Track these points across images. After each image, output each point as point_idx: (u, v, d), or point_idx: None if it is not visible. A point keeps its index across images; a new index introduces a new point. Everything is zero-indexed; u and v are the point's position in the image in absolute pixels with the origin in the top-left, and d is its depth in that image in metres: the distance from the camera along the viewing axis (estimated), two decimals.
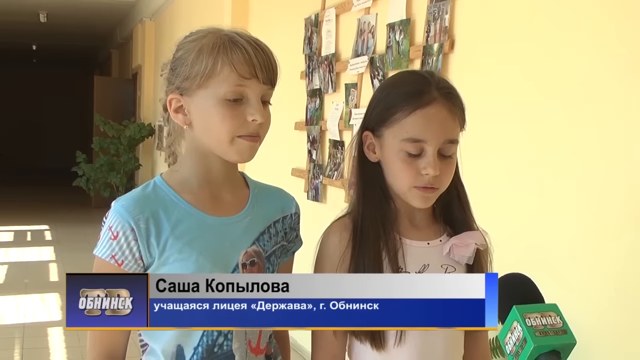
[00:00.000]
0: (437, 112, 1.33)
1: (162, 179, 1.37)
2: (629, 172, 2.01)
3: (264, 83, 1.30)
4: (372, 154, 1.40)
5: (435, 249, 1.41)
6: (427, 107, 1.33)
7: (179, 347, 1.32)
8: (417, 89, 1.34)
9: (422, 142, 1.33)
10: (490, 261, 1.46)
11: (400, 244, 1.38)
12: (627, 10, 2.04)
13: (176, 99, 1.32)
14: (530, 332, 1.09)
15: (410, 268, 1.37)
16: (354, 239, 1.38)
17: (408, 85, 1.37)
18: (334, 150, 3.93)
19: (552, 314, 1.12)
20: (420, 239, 1.41)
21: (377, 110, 1.38)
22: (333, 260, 1.38)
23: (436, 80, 1.37)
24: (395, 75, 1.48)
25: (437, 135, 1.33)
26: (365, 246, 1.36)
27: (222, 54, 1.27)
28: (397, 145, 1.34)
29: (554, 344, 1.09)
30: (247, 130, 1.29)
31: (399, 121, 1.34)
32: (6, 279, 6.52)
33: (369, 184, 1.40)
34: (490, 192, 2.59)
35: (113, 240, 1.29)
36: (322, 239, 1.42)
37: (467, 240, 1.40)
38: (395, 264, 1.36)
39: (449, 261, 1.40)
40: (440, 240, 1.42)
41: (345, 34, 3.83)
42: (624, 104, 2.04)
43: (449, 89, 1.37)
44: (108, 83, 12.38)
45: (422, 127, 1.32)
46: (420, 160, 1.33)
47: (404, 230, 1.40)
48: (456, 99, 1.37)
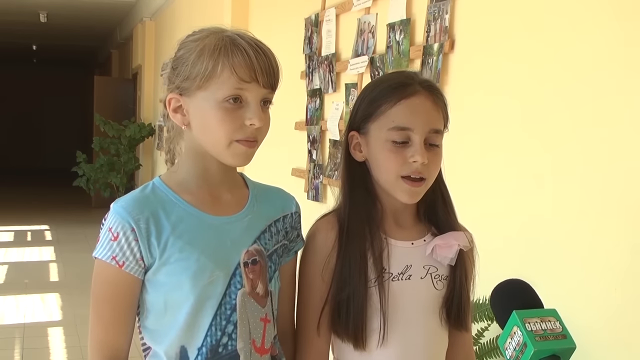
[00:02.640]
0: (421, 103, 1.37)
1: (160, 180, 1.37)
2: (630, 173, 2.01)
3: (264, 87, 1.29)
4: (358, 153, 1.42)
5: (418, 249, 1.43)
6: (412, 97, 1.37)
7: (182, 348, 1.31)
8: (401, 82, 1.39)
9: (409, 130, 1.35)
10: (474, 262, 1.47)
11: (385, 243, 1.39)
12: (629, 9, 2.04)
13: (175, 98, 1.32)
14: (530, 337, 1.09)
15: (394, 269, 1.39)
16: (340, 239, 1.40)
17: (391, 80, 1.41)
18: (334, 150, 3.93)
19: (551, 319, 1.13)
20: (405, 238, 1.43)
21: (363, 107, 1.41)
22: (319, 260, 1.40)
23: (419, 77, 1.42)
24: (378, 77, 1.52)
25: (422, 124, 1.36)
26: (351, 246, 1.38)
27: (223, 56, 1.26)
28: (384, 135, 1.37)
29: (553, 349, 1.09)
30: (245, 135, 1.29)
31: (384, 112, 1.37)
32: (6, 279, 6.52)
33: (355, 184, 1.43)
34: (489, 192, 2.58)
35: (113, 241, 1.28)
36: (308, 236, 1.44)
37: (450, 241, 1.41)
38: (380, 264, 1.38)
39: (431, 261, 1.42)
40: (424, 240, 1.44)
41: (345, 34, 3.83)
42: (626, 104, 2.03)
43: (430, 83, 1.42)
44: (108, 83, 12.38)
45: (408, 116, 1.36)
46: (408, 149, 1.35)
47: (389, 229, 1.42)
48: (439, 93, 1.42)
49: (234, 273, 1.32)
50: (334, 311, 1.39)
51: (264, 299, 1.36)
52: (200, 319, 1.30)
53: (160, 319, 1.32)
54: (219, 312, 1.30)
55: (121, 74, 13.42)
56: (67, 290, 5.95)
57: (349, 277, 1.37)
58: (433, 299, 1.42)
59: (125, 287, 1.30)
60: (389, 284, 1.38)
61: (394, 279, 1.39)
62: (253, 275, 1.34)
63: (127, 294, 1.31)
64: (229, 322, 1.31)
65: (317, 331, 1.40)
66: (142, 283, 1.32)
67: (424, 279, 1.41)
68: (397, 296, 1.38)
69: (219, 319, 1.30)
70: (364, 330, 1.37)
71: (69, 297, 5.74)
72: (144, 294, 1.33)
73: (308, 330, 1.42)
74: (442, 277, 1.42)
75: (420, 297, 1.40)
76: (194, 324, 1.30)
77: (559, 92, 2.29)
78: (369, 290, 1.37)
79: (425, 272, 1.41)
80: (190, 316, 1.29)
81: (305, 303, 1.43)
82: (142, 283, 1.32)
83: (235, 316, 1.32)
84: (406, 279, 1.39)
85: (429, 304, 1.42)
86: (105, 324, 1.32)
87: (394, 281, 1.38)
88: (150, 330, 1.34)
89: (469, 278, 1.46)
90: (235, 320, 1.32)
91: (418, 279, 1.40)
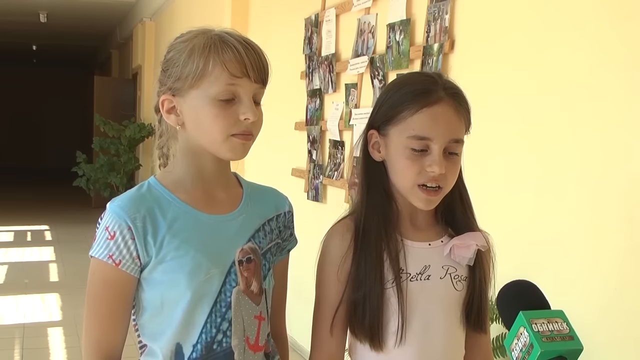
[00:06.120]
0: (444, 111, 1.34)
1: (156, 180, 1.37)
2: (628, 172, 2.01)
3: (256, 82, 1.31)
4: (377, 153, 1.40)
5: (436, 250, 1.41)
6: (434, 106, 1.34)
7: (177, 345, 1.32)
8: (425, 87, 1.35)
9: (428, 140, 1.33)
10: (492, 263, 1.46)
11: (401, 245, 1.38)
12: (627, 10, 2.04)
13: (168, 99, 1.33)
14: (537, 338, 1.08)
15: (412, 269, 1.38)
16: (356, 239, 1.38)
17: (415, 85, 1.38)
18: (334, 151, 3.93)
19: (558, 320, 1.12)
20: (422, 240, 1.41)
21: (384, 109, 1.39)
22: (334, 261, 1.39)
23: (443, 81, 1.38)
24: (403, 75, 1.49)
25: (443, 134, 1.33)
26: (367, 247, 1.37)
27: (214, 54, 1.28)
28: (403, 142, 1.35)
29: (560, 350, 1.08)
30: (240, 129, 1.30)
31: (405, 119, 1.34)
32: (6, 279, 6.52)
33: (373, 184, 1.41)
34: (489, 193, 2.58)
35: (110, 240, 1.29)
36: (324, 240, 1.43)
37: (468, 241, 1.39)
38: (397, 265, 1.36)
39: (450, 262, 1.40)
40: (441, 241, 1.42)
41: (345, 34, 3.83)
42: (624, 104, 2.04)
43: (455, 89, 1.38)
44: (108, 83, 12.37)
45: (429, 125, 1.33)
46: (426, 158, 1.33)
47: (405, 231, 1.40)
48: (463, 100, 1.38)
49: (229, 271, 1.33)
50: (350, 311, 1.38)
51: (259, 297, 1.37)
52: (195, 317, 1.31)
53: (156, 317, 1.33)
54: (214, 309, 1.31)
55: (121, 74, 13.41)
56: (67, 290, 5.94)
57: (364, 276, 1.35)
58: (453, 299, 1.40)
59: (121, 286, 1.31)
60: (407, 284, 1.36)
61: (412, 280, 1.37)
62: (248, 274, 1.35)
63: (123, 292, 1.32)
64: (223, 320, 1.32)
65: (330, 332, 1.39)
66: (138, 281, 1.32)
67: (444, 279, 1.39)
68: (416, 296, 1.36)
69: (214, 317, 1.31)
70: (380, 330, 1.35)
71: (68, 297, 5.74)
72: (140, 292, 1.33)
73: (321, 330, 1.41)
74: (461, 278, 1.40)
75: (440, 298, 1.38)
76: (189, 322, 1.31)
77: (559, 92, 2.29)
78: (386, 291, 1.35)
79: (445, 272, 1.39)
80: (186, 314, 1.30)
81: (320, 303, 1.42)
82: (138, 281, 1.32)
83: (230, 314, 1.33)
84: (425, 279, 1.38)
85: (449, 304, 1.39)
86: (101, 322, 1.33)
87: (412, 281, 1.37)
88: (146, 328, 1.35)
89: (487, 279, 1.44)
90: (230, 318, 1.33)
91: (437, 279, 1.38)
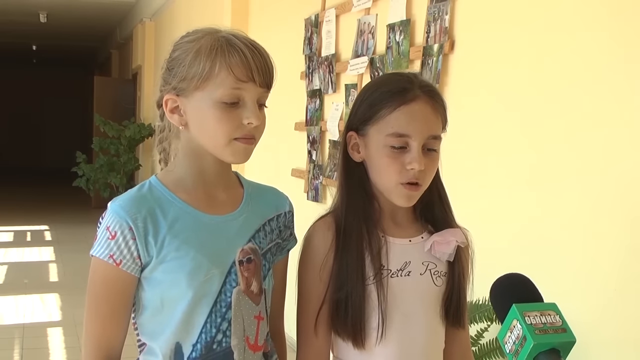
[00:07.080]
0: (421, 109, 1.37)
1: (157, 179, 1.38)
2: (627, 173, 2.01)
3: (261, 86, 1.31)
4: (356, 153, 1.43)
5: (416, 246, 1.43)
6: (411, 104, 1.37)
7: (177, 345, 1.32)
8: (401, 86, 1.38)
9: (407, 137, 1.36)
10: (471, 259, 1.48)
11: (384, 241, 1.40)
12: (626, 12, 2.04)
13: (172, 99, 1.33)
14: (530, 330, 1.08)
15: (392, 265, 1.40)
16: (337, 238, 1.40)
17: (392, 84, 1.41)
18: (334, 151, 3.93)
19: (551, 313, 1.12)
20: (402, 236, 1.44)
21: (362, 109, 1.41)
22: (316, 261, 1.40)
23: (419, 80, 1.42)
24: (379, 77, 1.53)
25: (421, 131, 1.36)
26: (348, 247, 1.39)
27: (220, 57, 1.27)
28: (382, 140, 1.37)
29: (553, 342, 1.09)
30: (243, 133, 1.30)
31: (384, 117, 1.37)
32: (6, 279, 6.52)
33: (353, 185, 1.43)
34: (489, 193, 2.59)
35: (111, 239, 1.29)
36: (305, 238, 1.45)
37: (448, 237, 1.42)
38: (378, 261, 1.38)
39: (430, 258, 1.43)
40: (421, 237, 1.45)
41: (345, 34, 3.83)
42: (623, 106, 2.04)
43: (431, 87, 1.42)
44: (108, 83, 12.38)
45: (407, 122, 1.36)
46: (405, 156, 1.36)
47: (387, 228, 1.43)
48: (438, 97, 1.42)
49: (229, 271, 1.33)
50: (332, 310, 1.40)
51: (258, 297, 1.37)
52: (195, 316, 1.31)
53: (156, 316, 1.33)
54: (214, 309, 1.32)
55: (121, 74, 13.42)
56: (66, 291, 5.95)
57: (346, 275, 1.37)
58: (433, 295, 1.42)
59: (122, 285, 1.31)
60: (387, 280, 1.38)
61: (393, 276, 1.39)
62: (248, 274, 1.35)
63: (123, 292, 1.32)
64: (223, 320, 1.33)
65: (314, 331, 1.41)
66: (139, 280, 1.33)
67: (424, 275, 1.41)
68: (397, 292, 1.39)
69: (214, 316, 1.32)
70: (362, 329, 1.37)
71: (68, 297, 5.74)
72: (140, 292, 1.34)
73: (306, 330, 1.42)
74: (441, 274, 1.43)
75: (420, 293, 1.41)
76: (189, 321, 1.31)
77: (558, 92, 2.29)
78: (367, 287, 1.37)
79: (425, 268, 1.42)
80: (186, 313, 1.30)
81: (304, 304, 1.43)
82: (139, 280, 1.33)
83: (230, 314, 1.33)
84: (405, 275, 1.40)
85: (429, 300, 1.42)
86: (101, 321, 1.33)
87: (393, 277, 1.39)
88: (145, 327, 1.35)
89: (466, 275, 1.48)
90: (229, 318, 1.33)
91: (418, 275, 1.41)
